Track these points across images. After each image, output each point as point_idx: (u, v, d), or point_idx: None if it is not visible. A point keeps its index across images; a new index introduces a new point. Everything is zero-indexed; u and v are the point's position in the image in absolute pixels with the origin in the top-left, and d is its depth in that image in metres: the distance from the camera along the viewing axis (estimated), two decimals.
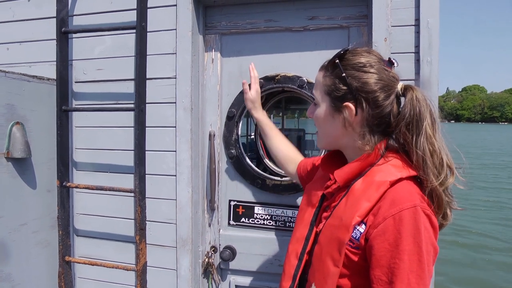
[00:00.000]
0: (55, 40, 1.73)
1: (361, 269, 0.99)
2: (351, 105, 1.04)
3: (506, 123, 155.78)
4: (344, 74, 1.04)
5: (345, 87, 1.04)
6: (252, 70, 1.63)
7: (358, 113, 1.05)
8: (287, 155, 1.55)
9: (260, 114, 1.60)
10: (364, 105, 1.03)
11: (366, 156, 1.05)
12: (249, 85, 1.62)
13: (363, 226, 0.97)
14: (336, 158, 1.20)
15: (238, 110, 1.77)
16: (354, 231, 0.98)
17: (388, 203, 0.95)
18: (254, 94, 1.60)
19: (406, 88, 1.04)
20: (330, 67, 1.08)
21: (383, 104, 1.03)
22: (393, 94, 1.04)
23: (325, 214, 1.12)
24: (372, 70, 1.03)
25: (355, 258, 0.99)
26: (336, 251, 0.99)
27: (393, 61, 1.08)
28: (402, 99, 1.06)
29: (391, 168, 1.01)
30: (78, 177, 1.90)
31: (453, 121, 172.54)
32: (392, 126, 1.05)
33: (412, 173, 1.00)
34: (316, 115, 1.14)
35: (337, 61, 1.05)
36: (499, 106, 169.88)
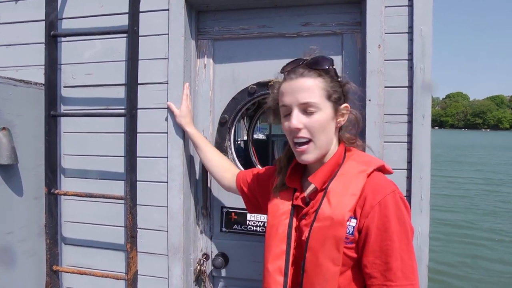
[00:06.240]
0: (44, 44, 1.68)
1: (355, 262, 1.06)
2: (348, 106, 1.16)
3: (488, 130, 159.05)
4: (340, 79, 1.15)
5: (339, 90, 1.13)
6: (185, 88, 1.69)
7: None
8: (221, 164, 1.61)
9: (192, 128, 1.67)
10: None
11: (334, 157, 1.16)
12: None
13: (353, 220, 1.05)
14: (296, 171, 1.24)
15: (230, 116, 1.76)
16: (348, 227, 1.04)
17: (372, 192, 1.05)
18: (184, 110, 1.67)
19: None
20: (323, 72, 1.13)
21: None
22: None
23: (305, 222, 1.13)
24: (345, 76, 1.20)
25: (350, 253, 1.05)
26: (334, 250, 1.02)
27: None
28: None
29: (357, 164, 1.12)
30: (67, 184, 1.85)
31: (436, 128, 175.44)
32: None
33: (377, 164, 1.12)
34: (317, 122, 1.09)
35: (333, 66, 1.14)
36: (482, 113, 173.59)
